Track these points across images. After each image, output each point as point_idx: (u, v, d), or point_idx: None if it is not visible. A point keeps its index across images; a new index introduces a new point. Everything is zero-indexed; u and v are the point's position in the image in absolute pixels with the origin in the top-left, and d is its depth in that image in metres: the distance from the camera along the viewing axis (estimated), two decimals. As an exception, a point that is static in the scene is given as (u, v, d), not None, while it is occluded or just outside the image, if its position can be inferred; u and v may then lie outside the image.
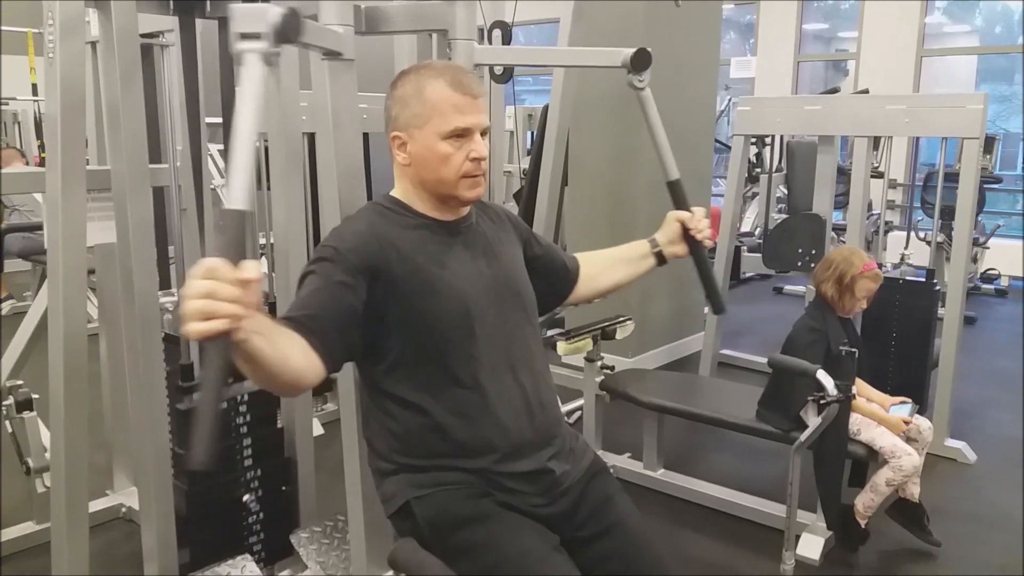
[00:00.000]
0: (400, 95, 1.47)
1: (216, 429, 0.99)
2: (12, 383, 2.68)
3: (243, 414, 2.18)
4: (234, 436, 2.16)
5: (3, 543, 2.64)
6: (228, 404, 2.15)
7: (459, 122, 1.43)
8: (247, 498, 2.20)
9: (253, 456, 2.20)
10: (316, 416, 3.52)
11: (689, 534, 2.84)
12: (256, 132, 1.13)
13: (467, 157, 1.45)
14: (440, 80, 1.44)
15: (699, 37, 4.61)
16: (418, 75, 1.47)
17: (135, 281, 1.95)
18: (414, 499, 1.47)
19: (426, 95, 1.44)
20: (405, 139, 1.47)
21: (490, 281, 1.52)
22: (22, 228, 5.07)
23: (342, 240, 1.43)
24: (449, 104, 1.43)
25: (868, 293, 2.64)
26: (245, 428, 2.18)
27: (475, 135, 1.45)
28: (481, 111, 1.46)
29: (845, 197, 5.42)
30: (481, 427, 1.46)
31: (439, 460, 1.47)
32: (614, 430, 3.47)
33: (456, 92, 1.43)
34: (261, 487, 2.22)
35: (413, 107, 1.44)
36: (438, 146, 1.44)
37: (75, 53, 1.86)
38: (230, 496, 2.17)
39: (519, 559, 1.41)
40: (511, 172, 5.05)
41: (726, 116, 7.94)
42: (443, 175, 1.46)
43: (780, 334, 2.86)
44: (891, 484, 2.52)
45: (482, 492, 1.46)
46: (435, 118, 1.43)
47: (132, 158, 1.90)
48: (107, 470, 2.98)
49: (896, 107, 3.48)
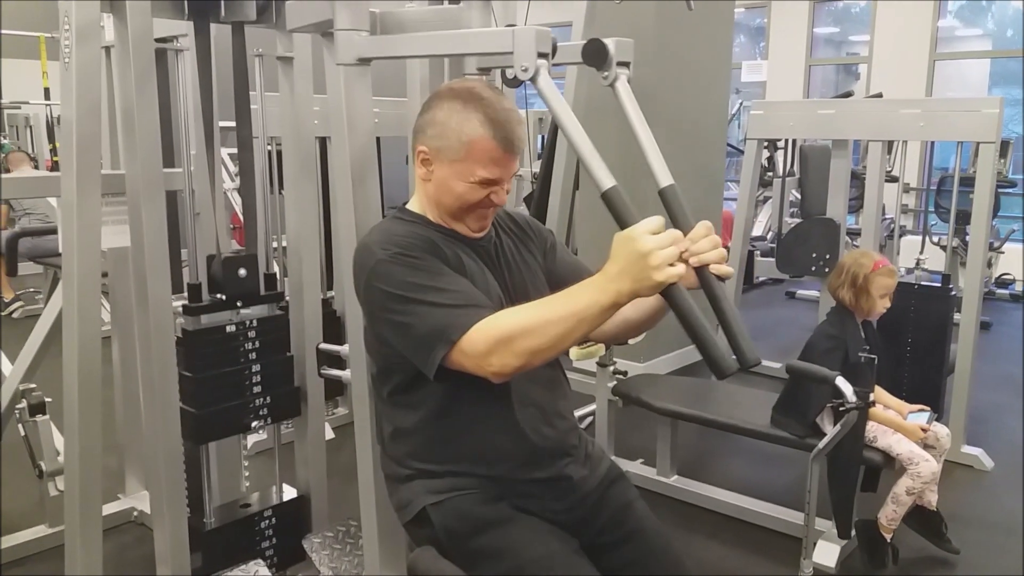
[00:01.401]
0: (441, 120, 1.41)
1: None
2: (25, 386, 2.69)
3: (252, 340, 2.15)
4: (243, 362, 2.14)
5: (16, 546, 2.64)
6: (236, 328, 2.12)
7: (491, 175, 1.40)
8: (255, 424, 2.17)
9: (262, 383, 2.17)
10: (327, 420, 3.52)
11: (703, 541, 2.81)
12: (579, 125, 1.32)
13: (486, 197, 1.43)
14: (487, 130, 1.38)
15: (711, 40, 4.59)
16: (465, 108, 1.39)
17: (148, 285, 1.94)
18: (431, 506, 1.46)
19: (467, 136, 1.38)
20: (431, 159, 1.44)
21: (507, 289, 1.51)
22: (35, 232, 5.10)
23: (396, 243, 1.39)
24: (488, 157, 1.39)
25: (887, 290, 2.61)
26: (254, 354, 2.16)
27: (501, 184, 1.43)
28: (515, 161, 1.43)
29: (859, 201, 5.40)
30: (497, 435, 1.45)
31: (454, 466, 1.46)
32: (627, 436, 3.45)
33: (499, 147, 1.38)
34: (270, 414, 2.20)
35: (450, 140, 1.39)
36: (460, 186, 1.42)
37: (91, 57, 1.86)
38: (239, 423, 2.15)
39: (540, 563, 1.39)
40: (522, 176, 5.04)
41: (737, 120, 7.91)
42: (456, 208, 1.45)
43: (793, 339, 2.84)
44: (911, 493, 2.50)
45: (498, 496, 1.45)
46: (469, 163, 1.39)
47: (146, 162, 1.90)
48: (119, 473, 2.98)
49: (911, 111, 3.46)
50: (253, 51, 2.14)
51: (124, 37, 1.86)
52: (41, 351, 2.74)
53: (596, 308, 1.21)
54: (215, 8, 1.99)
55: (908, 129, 3.49)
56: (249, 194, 2.17)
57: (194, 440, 2.12)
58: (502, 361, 1.26)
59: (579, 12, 3.34)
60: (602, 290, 1.20)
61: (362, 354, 1.90)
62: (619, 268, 1.18)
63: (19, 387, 2.71)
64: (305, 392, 2.28)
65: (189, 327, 2.07)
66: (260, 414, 2.19)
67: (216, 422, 2.12)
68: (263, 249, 2.20)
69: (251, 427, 2.18)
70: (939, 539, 2.65)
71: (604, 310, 1.21)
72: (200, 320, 2.09)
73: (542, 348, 1.25)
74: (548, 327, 1.24)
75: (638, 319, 1.58)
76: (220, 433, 2.18)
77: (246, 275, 2.13)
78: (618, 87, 1.46)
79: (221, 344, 2.10)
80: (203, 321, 2.09)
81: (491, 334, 1.26)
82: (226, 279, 2.10)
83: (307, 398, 2.29)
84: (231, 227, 3.28)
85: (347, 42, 1.66)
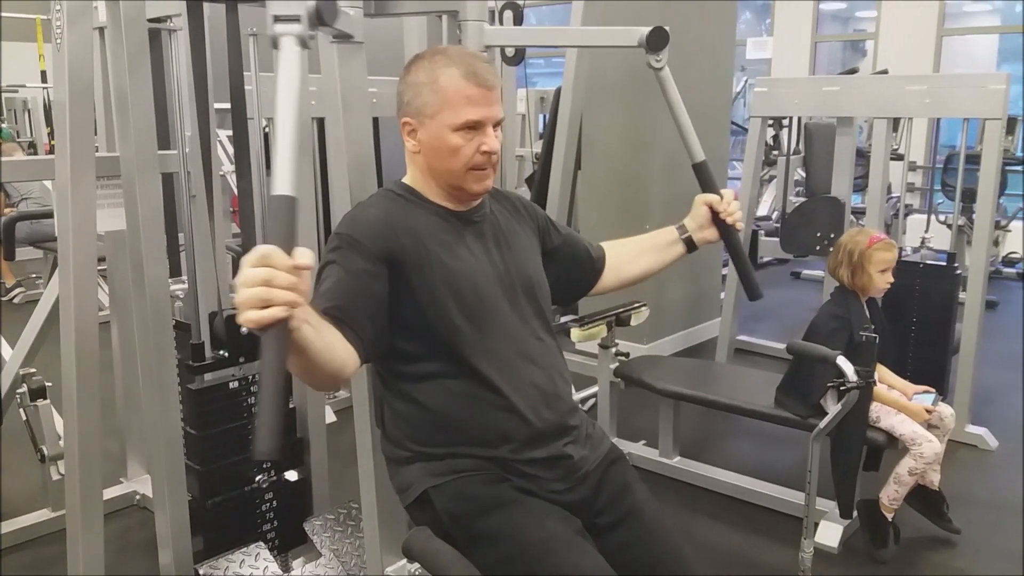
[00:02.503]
0: (412, 81, 1.43)
1: (280, 417, 0.99)
2: (26, 371, 2.69)
3: (255, 394, 2.16)
4: (246, 417, 2.14)
5: (19, 530, 2.65)
6: (239, 384, 2.13)
7: (471, 115, 1.40)
8: (260, 478, 2.18)
9: None
10: (328, 403, 3.52)
11: (706, 522, 2.81)
12: (298, 115, 1.10)
13: (477, 150, 1.42)
14: (454, 69, 1.40)
15: (715, 17, 4.54)
16: (432, 62, 1.42)
17: (145, 268, 1.93)
18: (432, 488, 1.45)
19: (439, 84, 1.40)
20: (416, 126, 1.45)
21: (502, 272, 1.51)
22: (31, 216, 5.10)
23: (357, 228, 1.41)
24: (462, 96, 1.39)
25: (886, 264, 2.57)
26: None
27: (487, 128, 1.42)
28: (495, 103, 1.42)
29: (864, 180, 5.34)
30: (497, 417, 1.44)
31: (454, 448, 1.46)
32: (629, 417, 3.44)
33: (470, 83, 1.39)
34: (273, 467, 2.21)
35: (425, 95, 1.41)
36: (448, 137, 1.41)
37: (83, 39, 1.84)
38: (243, 477, 2.16)
39: (543, 544, 1.39)
40: (523, 156, 5.01)
41: (742, 98, 7.84)
42: (451, 166, 1.44)
43: (798, 319, 2.82)
44: (914, 473, 2.48)
45: (500, 478, 1.45)
46: (447, 109, 1.40)
47: (141, 144, 1.88)
48: (121, 458, 2.98)
49: (916, 88, 3.41)
50: (247, 30, 2.11)
51: (116, 18, 1.84)
52: (40, 336, 2.74)
53: None
54: (208, -13, 1.97)
55: (913, 106, 3.44)
56: (245, 176, 2.15)
57: (199, 497, 2.12)
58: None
59: (580, -10, 3.29)
60: None
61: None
62: None
63: (19, 372, 2.71)
64: (307, 442, 2.28)
65: (194, 386, 2.07)
66: (264, 467, 2.20)
67: (221, 478, 2.13)
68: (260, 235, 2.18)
69: (255, 480, 2.19)
70: (940, 519, 2.64)
71: None
72: (204, 378, 2.09)
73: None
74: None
75: (659, 269, 1.76)
76: (225, 489, 2.16)
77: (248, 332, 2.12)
78: (664, 72, 1.70)
79: (225, 401, 2.12)
80: (207, 379, 2.10)
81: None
82: (229, 337, 2.10)
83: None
84: (230, 210, 3.25)
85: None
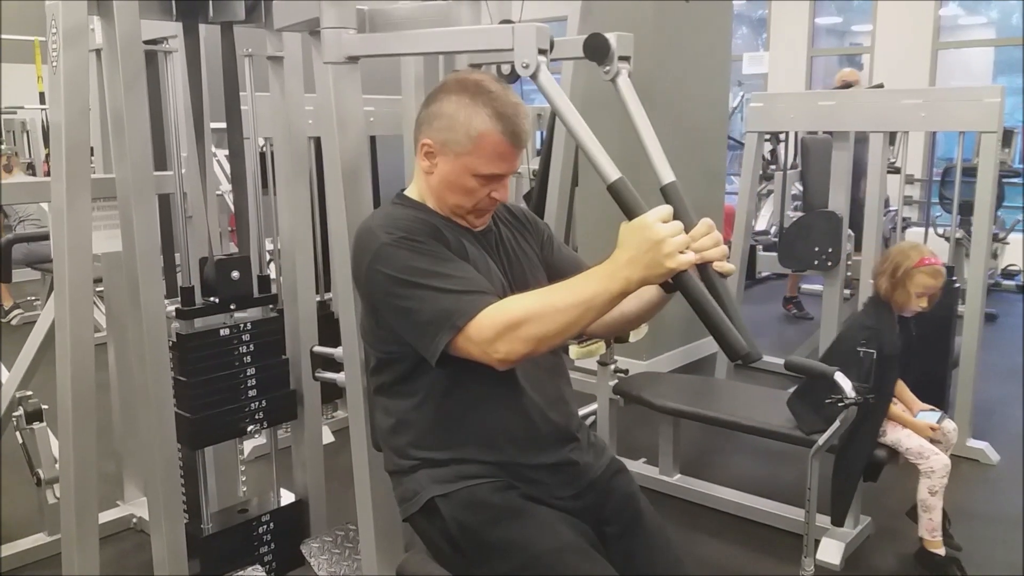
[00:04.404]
0: (449, 113, 1.40)
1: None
2: (22, 394, 2.68)
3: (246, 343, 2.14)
4: (237, 365, 2.13)
5: (15, 555, 2.63)
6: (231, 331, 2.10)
7: (498, 169, 1.41)
8: (251, 428, 2.16)
9: (257, 386, 2.16)
10: (326, 424, 3.50)
11: (707, 539, 2.79)
12: (579, 119, 1.33)
13: (488, 195, 1.44)
14: (496, 124, 1.38)
15: (710, 33, 4.56)
16: (474, 102, 1.39)
17: (141, 289, 1.92)
18: (439, 497, 1.43)
19: (475, 131, 1.38)
20: (437, 153, 1.44)
21: (508, 281, 1.51)
22: (26, 238, 5.11)
23: (400, 227, 1.39)
24: (495, 151, 1.40)
25: (925, 290, 2.49)
26: (249, 357, 2.14)
27: (505, 179, 1.44)
28: (520, 156, 1.44)
29: (861, 193, 5.34)
30: (502, 420, 1.44)
31: (459, 452, 1.44)
32: (628, 434, 3.42)
33: (507, 141, 1.39)
34: (266, 419, 2.19)
35: (458, 134, 1.39)
36: (467, 180, 1.42)
37: (79, 61, 1.84)
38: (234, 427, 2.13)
39: (555, 554, 1.38)
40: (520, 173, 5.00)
41: (739, 113, 7.87)
42: (460, 202, 1.45)
43: (796, 334, 2.81)
44: (934, 492, 2.45)
45: (506, 485, 1.43)
46: (477, 156, 1.40)
47: (137, 165, 1.88)
48: (117, 480, 2.97)
49: (912, 101, 3.42)
50: (242, 51, 2.12)
51: (112, 39, 1.84)
52: (37, 358, 2.73)
53: (605, 295, 1.23)
54: (203, 8, 1.97)
55: (909, 120, 3.45)
56: (241, 195, 2.15)
57: (190, 445, 2.10)
58: (508, 347, 1.27)
59: (574, 7, 3.30)
60: (611, 277, 1.22)
61: (357, 356, 1.88)
62: (629, 256, 1.20)
63: (16, 394, 2.70)
64: (301, 395, 2.26)
65: (183, 331, 2.05)
66: (256, 418, 2.17)
67: (212, 426, 2.10)
68: (256, 250, 2.18)
69: (247, 431, 2.16)
70: (943, 536, 2.61)
71: (613, 297, 1.23)
72: (194, 324, 2.07)
73: (549, 335, 1.26)
74: (556, 314, 1.25)
75: (637, 313, 1.58)
76: (216, 438, 2.16)
77: (239, 277, 2.11)
78: (619, 82, 1.48)
79: (215, 348, 2.09)
80: (196, 325, 2.08)
81: (498, 320, 1.27)
82: (219, 282, 2.08)
83: (303, 401, 2.27)
84: (229, 229, 3.25)
85: (334, 40, 1.64)
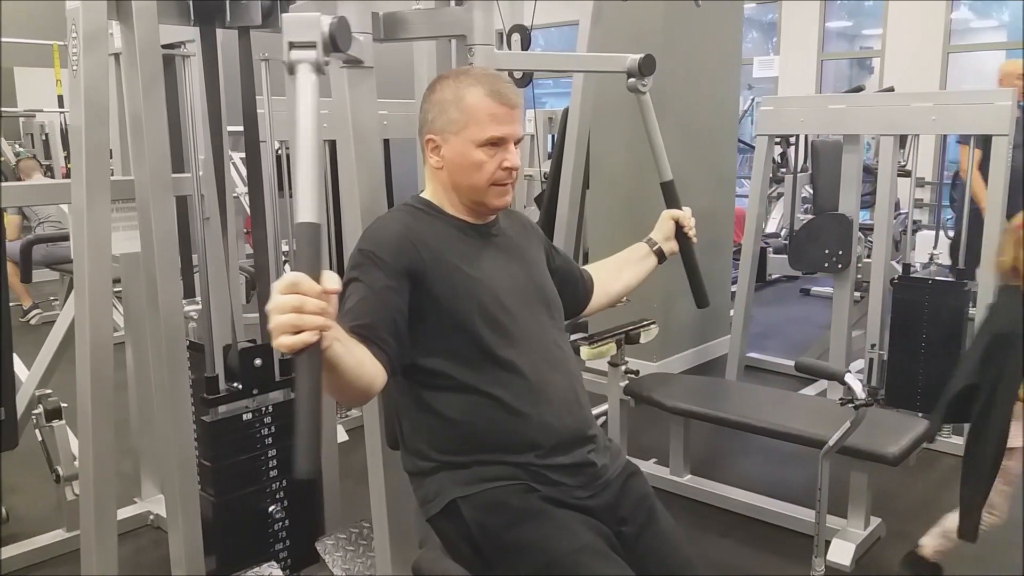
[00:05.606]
0: (438, 99, 1.49)
1: (318, 437, 1.04)
2: (41, 392, 2.72)
3: (268, 425, 2.19)
4: (259, 448, 2.17)
5: (35, 551, 2.67)
6: (253, 416, 2.16)
7: (495, 131, 1.46)
8: (273, 508, 2.21)
9: (278, 467, 2.21)
10: (340, 423, 3.53)
11: (717, 540, 2.80)
12: (319, 141, 1.13)
13: (499, 166, 1.48)
14: (479, 88, 1.46)
15: (720, 37, 4.57)
16: (457, 81, 1.49)
17: (159, 290, 1.96)
18: (460, 499, 1.46)
19: (465, 102, 1.46)
20: (439, 143, 1.50)
21: (521, 284, 1.55)
22: (48, 239, 5.17)
23: (378, 244, 1.44)
24: (487, 113, 1.45)
25: None
26: (270, 439, 2.19)
27: (509, 144, 1.48)
28: (516, 121, 1.49)
29: (872, 196, 5.34)
30: (523, 423, 1.46)
31: (481, 455, 1.47)
32: (639, 435, 3.44)
33: (495, 101, 1.46)
34: (287, 498, 2.23)
35: (450, 113, 1.47)
36: (472, 153, 1.47)
37: (98, 65, 1.88)
38: (256, 507, 2.18)
39: (574, 555, 1.40)
40: (531, 176, 5.03)
41: (749, 116, 7.87)
42: (474, 181, 1.49)
43: (807, 336, 2.81)
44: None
45: (526, 488, 1.46)
46: (472, 126, 1.46)
47: (155, 168, 1.91)
48: (135, 477, 3.00)
49: (922, 104, 3.42)
50: (259, 55, 2.15)
51: (131, 44, 1.88)
52: (56, 357, 2.77)
53: None
54: (220, 13, 2.00)
55: (919, 123, 3.45)
56: (257, 199, 2.18)
57: (215, 527, 2.13)
58: None
59: (586, 10, 3.32)
60: None
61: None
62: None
63: (35, 392, 2.74)
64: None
65: (208, 418, 2.10)
66: (276, 498, 2.22)
67: (236, 508, 2.15)
68: (273, 256, 2.21)
69: (268, 512, 2.21)
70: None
71: None
72: (218, 411, 2.12)
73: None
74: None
75: (638, 282, 1.88)
76: (241, 521, 2.18)
77: (261, 364, 2.17)
78: (646, 97, 1.86)
79: (238, 432, 2.14)
80: (221, 411, 2.12)
81: None
82: (242, 369, 2.13)
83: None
84: (244, 231, 3.29)
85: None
